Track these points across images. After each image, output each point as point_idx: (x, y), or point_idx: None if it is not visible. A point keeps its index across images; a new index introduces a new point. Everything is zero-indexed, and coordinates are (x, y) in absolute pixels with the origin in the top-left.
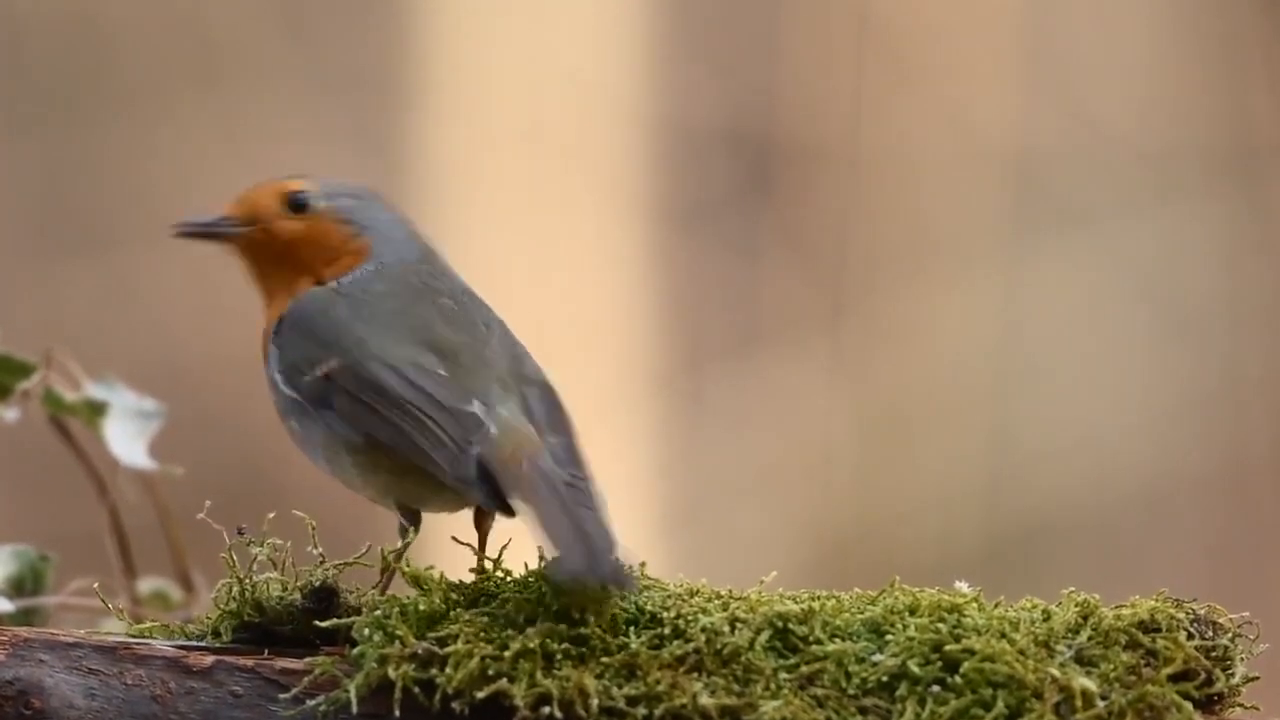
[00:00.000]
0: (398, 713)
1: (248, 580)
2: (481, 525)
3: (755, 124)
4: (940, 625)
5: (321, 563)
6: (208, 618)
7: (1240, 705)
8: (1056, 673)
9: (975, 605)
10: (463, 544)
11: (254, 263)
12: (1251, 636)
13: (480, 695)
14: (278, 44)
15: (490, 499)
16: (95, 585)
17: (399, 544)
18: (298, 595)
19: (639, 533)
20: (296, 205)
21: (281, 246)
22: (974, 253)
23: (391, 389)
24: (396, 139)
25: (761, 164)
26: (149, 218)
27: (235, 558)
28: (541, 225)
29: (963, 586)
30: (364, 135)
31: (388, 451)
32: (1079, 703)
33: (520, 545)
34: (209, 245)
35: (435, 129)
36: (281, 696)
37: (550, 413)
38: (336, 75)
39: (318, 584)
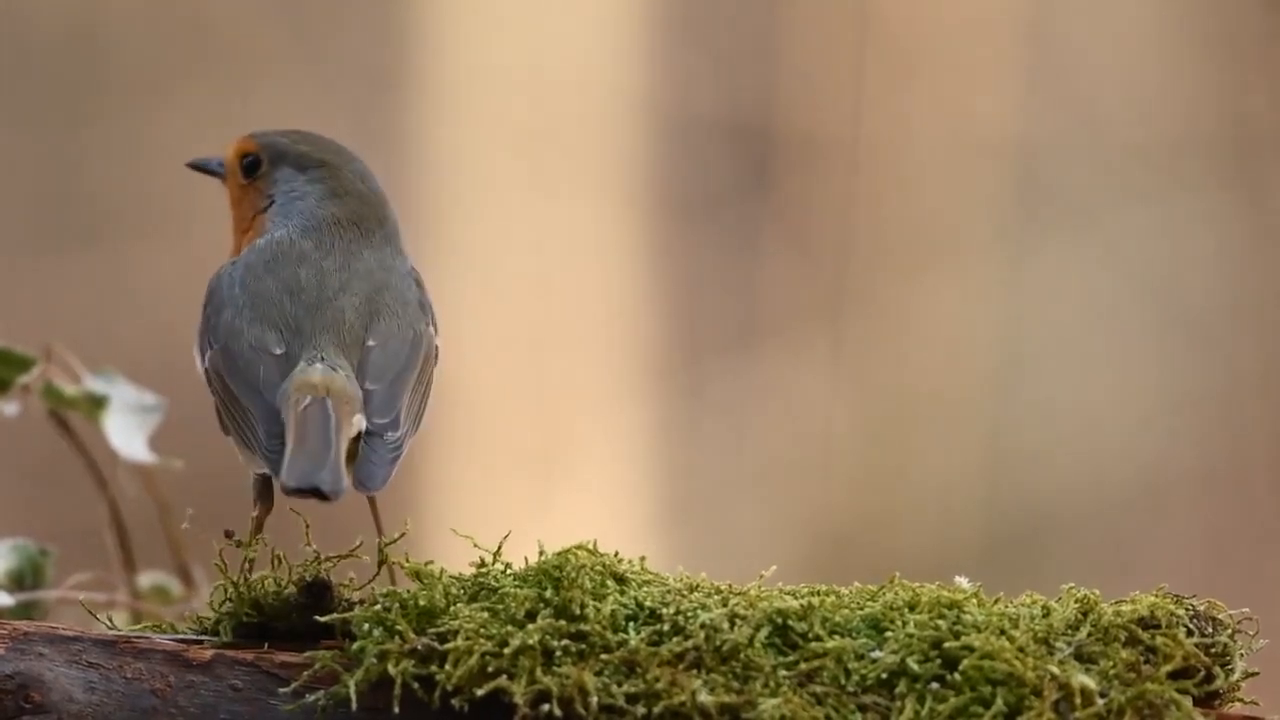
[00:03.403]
0: (397, 709)
1: (242, 581)
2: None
3: (756, 116)
4: (940, 622)
5: (316, 558)
6: (207, 617)
7: (1240, 700)
8: (1056, 670)
9: (975, 601)
10: (463, 536)
11: (230, 203)
12: (1251, 632)
13: (480, 692)
14: (277, 37)
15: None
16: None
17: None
18: (293, 590)
19: (638, 526)
20: (248, 169)
21: (232, 204)
22: (974, 247)
23: (230, 383)
24: (397, 131)
25: (762, 157)
26: (149, 211)
27: (225, 560)
28: (541, 217)
29: (963, 582)
30: (364, 127)
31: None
32: (1078, 700)
33: (520, 536)
34: (208, 237)
35: (435, 120)
36: (281, 691)
37: (387, 363)
38: (336, 68)
39: (311, 579)
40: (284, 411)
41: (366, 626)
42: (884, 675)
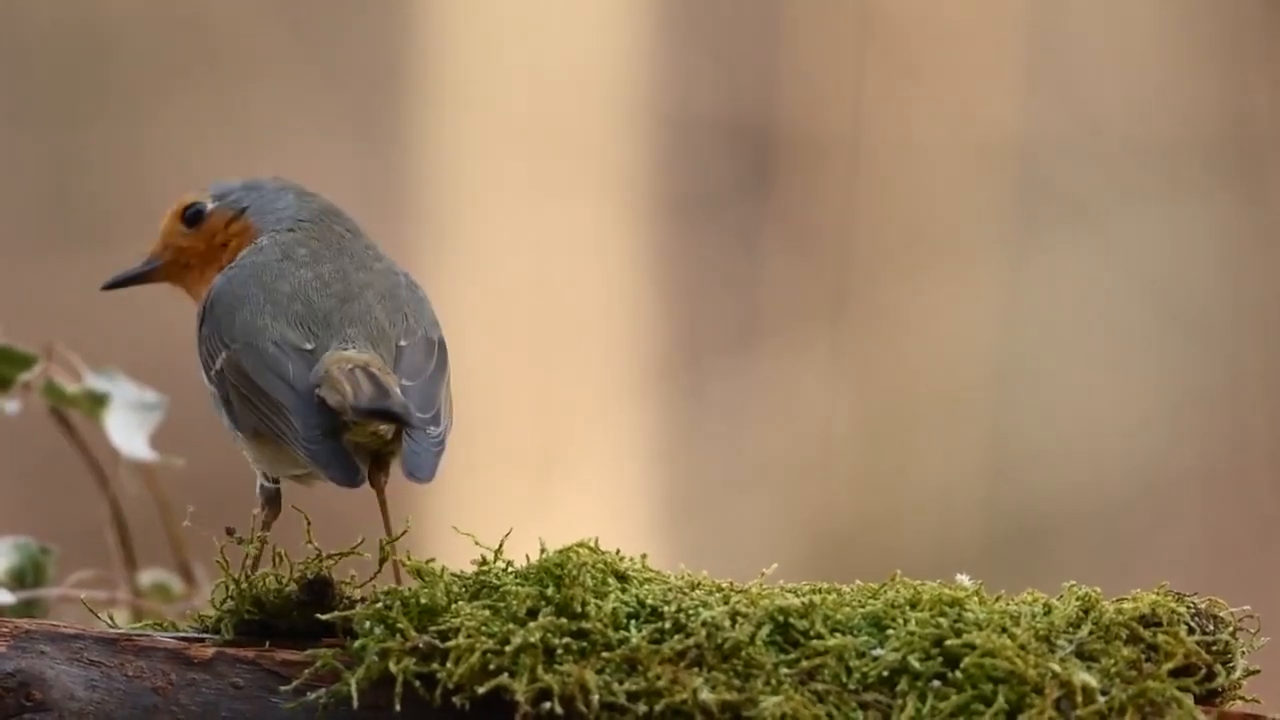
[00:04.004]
0: (398, 707)
1: (243, 579)
2: (375, 484)
3: (757, 116)
4: (941, 620)
5: (317, 556)
6: (209, 615)
7: (1241, 698)
8: (1057, 668)
9: (976, 599)
10: (463, 534)
11: (177, 283)
12: (1252, 630)
13: (481, 690)
14: (278, 37)
15: (340, 473)
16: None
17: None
18: (294, 588)
19: (638, 526)
20: (190, 220)
21: (185, 261)
22: (975, 247)
23: (257, 380)
24: (398, 132)
25: (763, 156)
26: (150, 211)
27: (227, 558)
28: (542, 217)
29: (964, 580)
30: (365, 128)
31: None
32: (1079, 698)
33: (521, 535)
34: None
35: (436, 121)
36: (282, 689)
37: (420, 362)
38: (337, 69)
39: (312, 577)
40: (324, 386)
41: (368, 624)
42: (885, 673)
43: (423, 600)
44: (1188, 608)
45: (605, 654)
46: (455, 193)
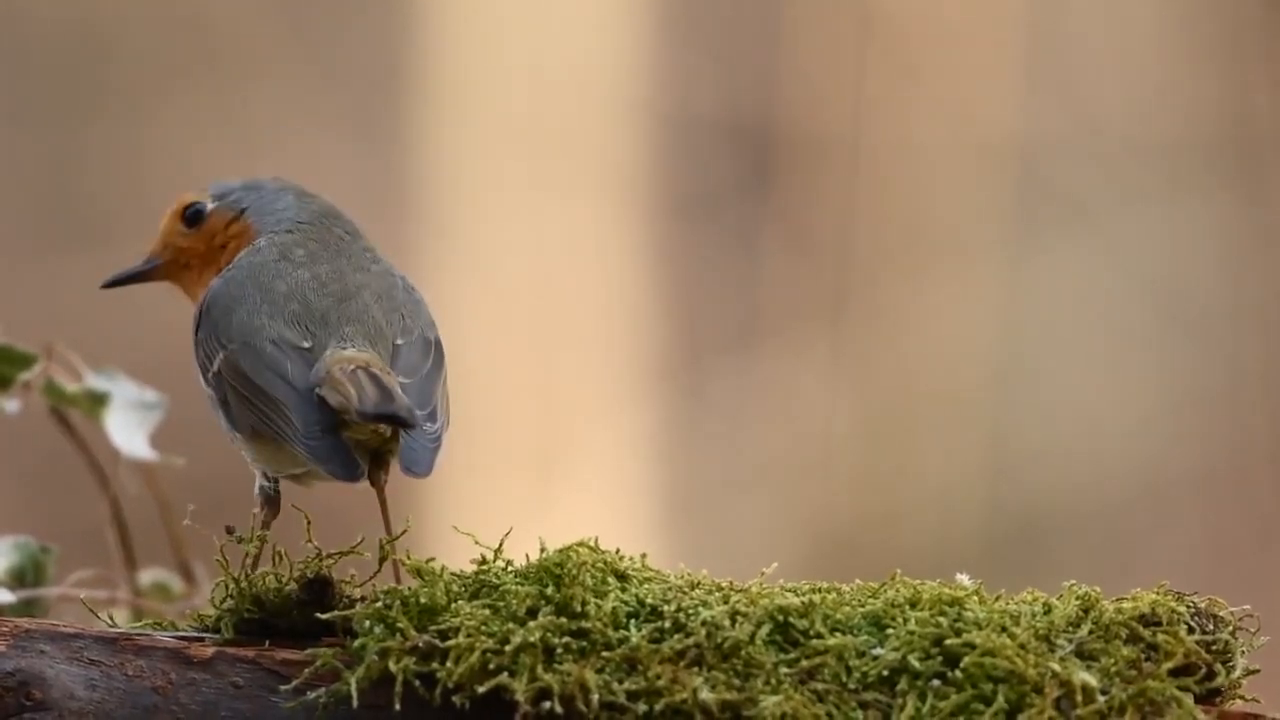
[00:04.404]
0: (398, 707)
1: (243, 578)
2: (375, 483)
3: (757, 116)
4: (941, 619)
5: (317, 555)
6: (209, 614)
7: (1241, 698)
8: (1057, 667)
9: (976, 598)
10: (463, 533)
11: (176, 282)
12: (1252, 630)
13: (481, 689)
14: (278, 37)
15: (341, 468)
16: None
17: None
18: (294, 587)
19: (638, 525)
20: (190, 220)
21: (185, 261)
22: (975, 246)
23: (256, 379)
24: (398, 131)
25: (763, 156)
26: (150, 211)
27: (227, 556)
28: (542, 217)
29: (964, 579)
30: (365, 128)
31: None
32: (1079, 698)
33: (521, 535)
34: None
35: (436, 121)
36: (282, 688)
37: (417, 361)
38: (337, 69)
39: (312, 576)
40: (325, 387)
41: (368, 624)
42: (885, 672)
43: (422, 599)
44: (1188, 607)
45: (605, 653)
46: (455, 193)
